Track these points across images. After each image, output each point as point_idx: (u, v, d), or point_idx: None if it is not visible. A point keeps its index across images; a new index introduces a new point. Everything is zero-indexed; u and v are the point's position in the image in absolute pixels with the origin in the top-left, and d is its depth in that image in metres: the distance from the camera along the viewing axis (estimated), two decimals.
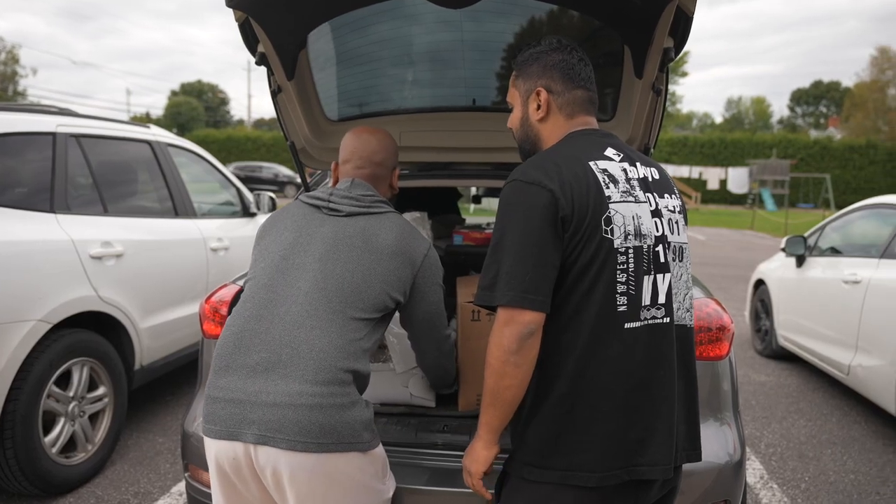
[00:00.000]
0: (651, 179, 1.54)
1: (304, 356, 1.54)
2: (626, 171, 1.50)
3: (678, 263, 1.53)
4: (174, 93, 63.74)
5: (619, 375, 1.42)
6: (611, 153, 1.52)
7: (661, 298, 1.47)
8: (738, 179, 27.11)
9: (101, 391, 3.37)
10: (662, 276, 1.48)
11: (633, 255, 1.43)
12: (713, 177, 28.30)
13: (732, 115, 73.74)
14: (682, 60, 44.16)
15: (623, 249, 1.42)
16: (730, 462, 1.98)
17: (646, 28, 2.00)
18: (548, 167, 1.44)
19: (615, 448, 1.42)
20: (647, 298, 1.45)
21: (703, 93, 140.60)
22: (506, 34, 2.41)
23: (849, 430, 4.28)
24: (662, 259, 1.48)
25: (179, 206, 4.21)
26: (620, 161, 1.51)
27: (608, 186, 1.44)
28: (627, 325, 1.43)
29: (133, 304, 3.55)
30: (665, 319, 1.48)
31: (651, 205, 1.50)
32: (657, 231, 1.48)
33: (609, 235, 1.41)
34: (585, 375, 1.41)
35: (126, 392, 3.52)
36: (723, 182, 27.74)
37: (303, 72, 2.52)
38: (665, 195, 1.56)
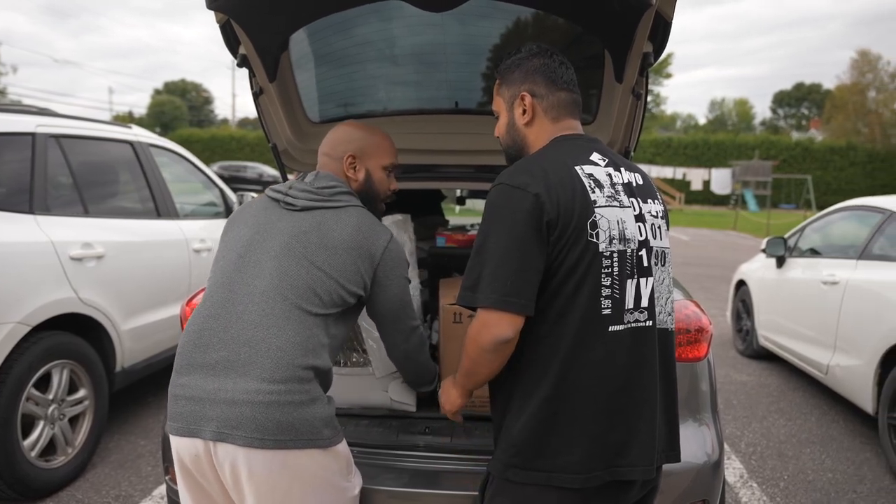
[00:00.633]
0: (635, 185, 1.57)
1: (262, 354, 1.56)
2: (612, 176, 1.52)
3: (660, 268, 1.56)
4: (157, 91, 63.17)
5: (603, 378, 1.44)
6: (596, 158, 1.54)
7: (644, 302, 1.50)
8: (721, 180, 27.30)
9: (82, 394, 3.34)
10: (645, 280, 1.50)
11: (618, 259, 1.45)
12: (696, 178, 28.47)
13: (716, 117, 74.31)
14: (666, 62, 44.47)
15: (608, 253, 1.44)
16: (708, 462, 2.00)
17: (625, 33, 2.02)
18: (534, 171, 1.46)
19: (598, 449, 1.44)
20: (631, 302, 1.47)
21: (687, 94, 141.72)
22: (488, 37, 2.43)
23: (827, 429, 4.34)
24: (646, 263, 1.51)
25: (161, 207, 4.18)
26: (606, 166, 1.54)
27: (594, 191, 1.46)
28: (612, 329, 1.45)
29: (114, 306, 3.53)
30: (648, 323, 1.50)
31: (635, 209, 1.52)
32: (640, 236, 1.51)
33: (594, 239, 1.43)
34: (569, 378, 1.43)
35: (107, 394, 3.49)
36: (706, 183, 27.91)
37: (285, 73, 2.51)
38: (648, 200, 1.58)
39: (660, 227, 1.58)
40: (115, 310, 3.54)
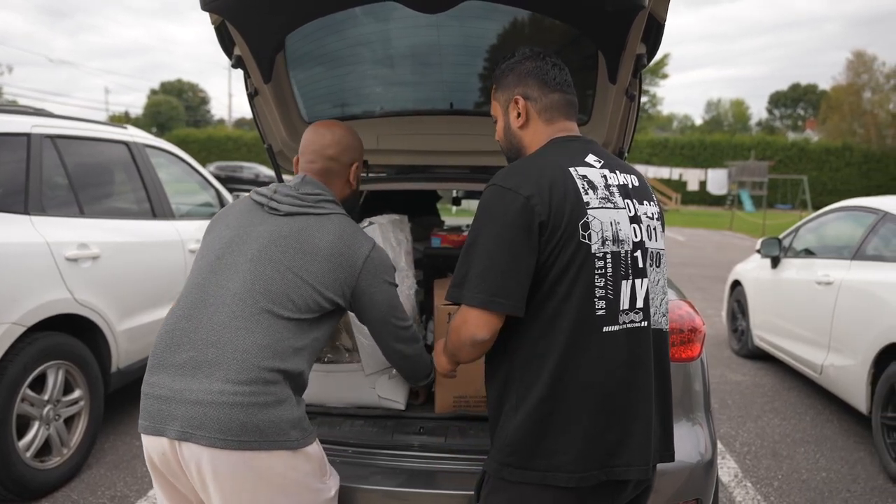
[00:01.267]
0: (630, 186, 1.58)
1: (229, 356, 1.56)
2: (606, 178, 1.53)
3: (655, 269, 1.57)
4: (154, 91, 63.06)
5: (598, 378, 1.45)
6: (591, 160, 1.55)
7: (640, 303, 1.51)
8: (718, 181, 27.37)
9: (77, 394, 3.34)
10: (640, 281, 1.51)
11: (611, 260, 1.46)
12: (693, 178, 28.54)
13: (712, 118, 74.43)
14: (663, 63, 44.58)
15: (601, 254, 1.45)
16: (701, 461, 2.01)
17: (618, 35, 2.03)
18: (527, 173, 1.47)
19: (594, 449, 1.45)
20: (626, 303, 1.48)
21: (684, 95, 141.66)
22: (483, 38, 2.43)
23: (822, 429, 4.35)
24: (640, 264, 1.52)
25: (157, 208, 4.18)
26: (601, 168, 1.55)
27: (587, 192, 1.47)
28: (606, 329, 1.46)
29: (110, 307, 3.52)
30: (643, 323, 1.51)
31: (630, 211, 1.53)
32: (635, 237, 1.52)
33: (586, 241, 1.44)
34: (564, 378, 1.44)
35: (102, 395, 3.49)
36: (702, 183, 27.99)
37: (280, 75, 2.52)
38: (644, 202, 1.59)
39: (655, 229, 1.60)
40: (111, 310, 3.53)
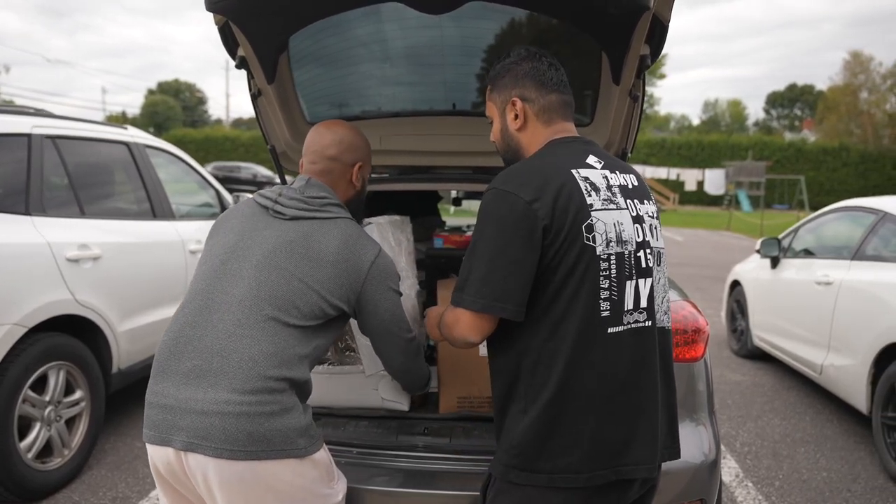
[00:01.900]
0: (630, 186, 1.58)
1: (234, 365, 1.54)
2: (608, 179, 1.53)
3: (657, 268, 1.57)
4: (151, 92, 62.98)
5: (604, 379, 1.45)
6: (592, 161, 1.55)
7: (643, 303, 1.51)
8: (715, 181, 27.42)
9: (78, 395, 3.33)
10: (644, 281, 1.51)
11: (616, 262, 1.46)
12: (690, 178, 28.60)
13: (709, 118, 74.57)
14: (660, 63, 44.60)
15: (605, 256, 1.45)
16: (705, 462, 2.02)
17: (622, 36, 2.03)
18: (528, 176, 1.46)
19: (601, 449, 1.45)
20: (630, 303, 1.48)
21: (681, 95, 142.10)
22: (486, 39, 2.44)
23: (822, 429, 4.36)
24: (644, 264, 1.52)
25: (157, 208, 4.17)
26: (602, 168, 1.54)
27: (590, 194, 1.47)
28: (611, 330, 1.46)
29: (110, 308, 3.52)
30: (647, 323, 1.52)
31: (632, 211, 1.53)
32: (638, 237, 1.52)
33: (591, 243, 1.44)
34: (571, 380, 1.44)
35: (103, 396, 3.48)
36: (700, 183, 28.04)
37: (283, 75, 2.52)
38: (644, 201, 1.59)
39: (656, 228, 1.60)
40: (112, 311, 3.53)
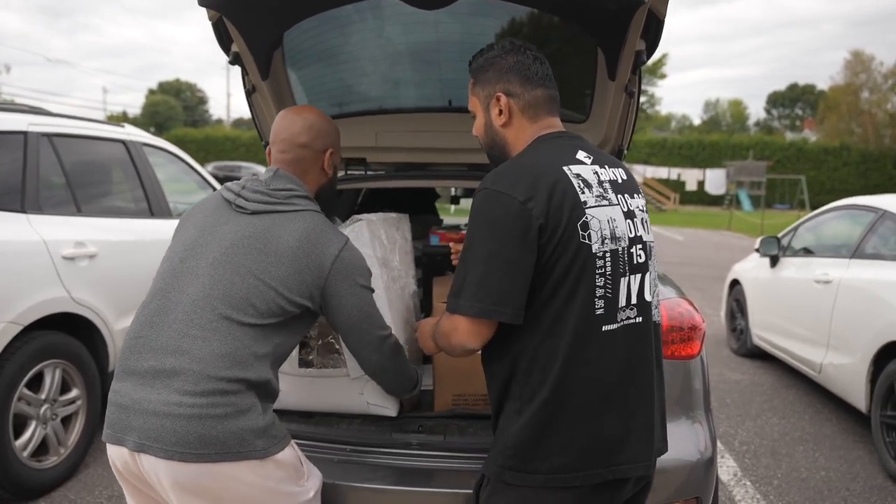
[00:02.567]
0: (620, 181, 1.55)
1: (186, 366, 1.50)
2: (599, 174, 1.50)
3: (649, 262, 1.56)
4: (152, 91, 63.02)
5: (599, 377, 1.44)
6: (582, 156, 1.52)
7: (635, 299, 1.49)
8: (716, 180, 27.43)
9: (74, 393, 3.33)
10: (636, 277, 1.50)
11: (611, 259, 1.44)
12: (691, 178, 28.60)
13: (710, 118, 74.56)
14: (661, 63, 44.58)
15: (601, 254, 1.43)
16: (701, 460, 2.00)
17: (618, 31, 2.02)
18: (520, 175, 1.43)
19: (597, 448, 1.44)
20: (623, 300, 1.47)
21: (682, 95, 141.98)
22: (482, 35, 2.42)
23: (821, 428, 4.35)
24: (636, 260, 1.50)
25: (155, 207, 4.16)
26: (592, 164, 1.52)
27: (583, 192, 1.44)
28: (605, 328, 1.44)
29: (107, 306, 3.51)
30: (638, 319, 1.50)
31: (623, 206, 1.51)
32: (631, 232, 1.50)
33: (587, 241, 1.41)
34: (567, 380, 1.42)
35: (100, 394, 3.47)
36: (701, 183, 28.04)
37: (277, 71, 2.51)
38: (634, 195, 1.57)
39: (646, 222, 1.58)
40: (108, 309, 3.52)
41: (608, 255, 1.44)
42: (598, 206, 1.45)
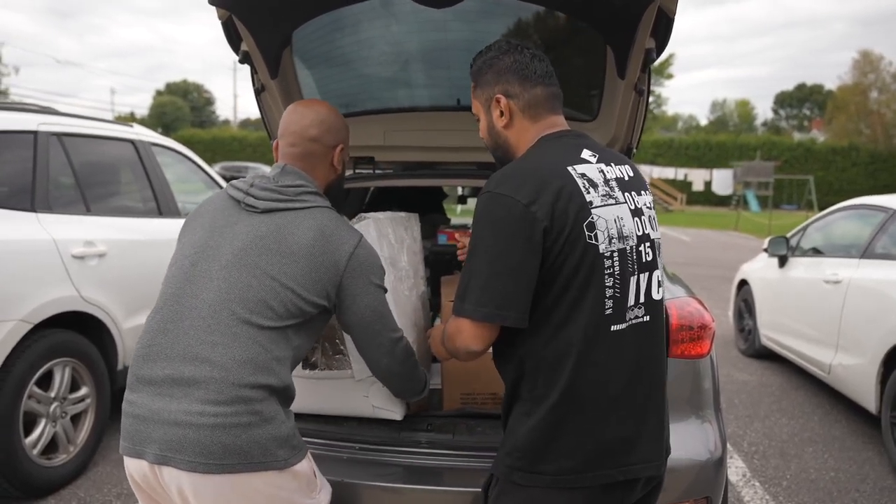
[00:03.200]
0: (626, 178, 1.53)
1: (206, 374, 1.46)
2: (604, 173, 1.48)
3: (657, 260, 1.54)
4: (159, 92, 63.27)
5: (609, 378, 1.43)
6: (587, 155, 1.50)
7: (643, 298, 1.48)
8: (723, 181, 27.37)
9: (84, 392, 3.34)
10: (644, 276, 1.48)
11: (619, 258, 1.43)
12: (698, 178, 28.55)
13: (717, 118, 74.26)
14: (668, 63, 44.48)
15: (608, 254, 1.41)
16: (711, 459, 2.00)
17: (628, 29, 2.01)
18: (524, 177, 1.41)
19: (607, 449, 1.43)
20: (632, 299, 1.45)
21: (689, 95, 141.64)
22: (490, 34, 2.41)
23: (830, 429, 4.32)
24: (644, 259, 1.49)
25: (163, 206, 4.18)
26: (597, 162, 1.50)
27: (588, 191, 1.42)
28: (614, 328, 1.43)
29: (116, 305, 3.52)
30: (646, 318, 1.49)
31: (630, 204, 1.49)
32: (639, 231, 1.48)
33: (594, 241, 1.40)
34: (576, 382, 1.41)
35: (109, 393, 3.48)
36: (707, 183, 27.98)
37: (286, 70, 2.51)
38: (641, 192, 1.56)
39: (654, 219, 1.57)
40: (117, 308, 3.53)
41: (616, 255, 1.42)
42: (605, 206, 1.43)
